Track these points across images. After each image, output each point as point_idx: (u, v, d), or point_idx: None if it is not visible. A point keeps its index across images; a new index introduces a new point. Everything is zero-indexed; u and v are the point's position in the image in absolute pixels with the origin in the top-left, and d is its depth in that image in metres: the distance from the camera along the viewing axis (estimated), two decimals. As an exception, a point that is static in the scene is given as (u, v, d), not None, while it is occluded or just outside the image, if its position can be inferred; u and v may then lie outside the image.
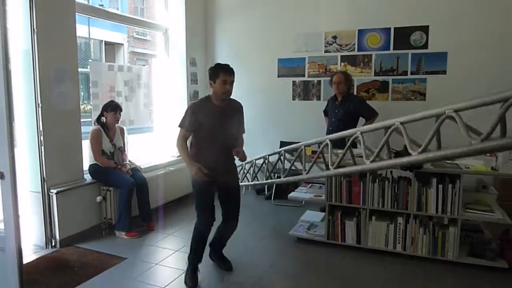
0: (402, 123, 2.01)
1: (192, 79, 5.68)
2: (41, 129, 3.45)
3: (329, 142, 2.90)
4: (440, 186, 3.17)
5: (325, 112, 4.66)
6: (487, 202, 3.30)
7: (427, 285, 2.99)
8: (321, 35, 5.25)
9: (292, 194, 3.99)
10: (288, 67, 5.47)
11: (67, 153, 3.72)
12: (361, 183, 3.43)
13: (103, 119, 4.02)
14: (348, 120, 4.15)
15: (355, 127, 4.37)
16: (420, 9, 4.73)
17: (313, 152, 3.83)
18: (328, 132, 4.27)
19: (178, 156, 5.40)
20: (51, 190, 3.55)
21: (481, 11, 4.46)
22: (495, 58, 4.46)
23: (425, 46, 4.75)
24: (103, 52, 10.68)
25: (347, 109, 4.23)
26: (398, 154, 3.23)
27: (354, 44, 5.08)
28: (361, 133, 2.47)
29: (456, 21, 4.57)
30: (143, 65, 5.30)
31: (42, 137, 3.46)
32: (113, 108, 4.02)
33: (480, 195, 3.35)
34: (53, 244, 3.63)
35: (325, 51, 5.25)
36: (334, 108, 4.38)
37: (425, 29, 4.73)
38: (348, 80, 4.29)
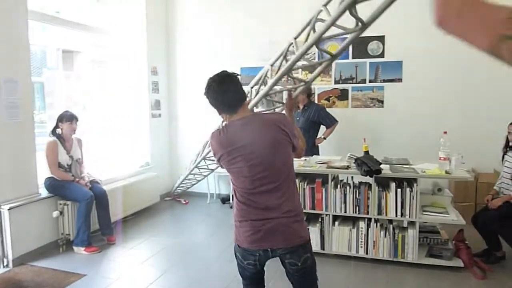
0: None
1: (154, 88, 5.59)
2: (-9, 142, 3.27)
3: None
4: (399, 190, 3.27)
5: None
6: (443, 204, 3.44)
7: (389, 287, 3.07)
8: (282, 44, 5.31)
9: (256, 202, 3.98)
10: (251, 76, 5.47)
11: (20, 167, 3.55)
12: (323, 189, 3.48)
13: (59, 130, 3.86)
14: (309, 127, 4.31)
15: (317, 134, 4.45)
16: (376, 20, 4.88)
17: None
18: None
19: (140, 167, 5.30)
20: (3, 206, 3.36)
21: (432, 22, 4.68)
22: (447, 66, 4.69)
23: (382, 55, 4.92)
24: (61, 60, 10.31)
25: (308, 117, 4.35)
26: (369, 172, 3.33)
27: (315, 53, 5.18)
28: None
29: (409, 32, 4.77)
30: (103, 74, 5.16)
31: (-8, 151, 3.29)
32: (68, 118, 3.86)
33: (436, 198, 3.49)
34: (5, 263, 3.43)
35: (286, 60, 5.31)
36: (295, 116, 4.45)
37: (381, 39, 4.90)
38: (307, 89, 4.35)
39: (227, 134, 1.84)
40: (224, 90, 1.84)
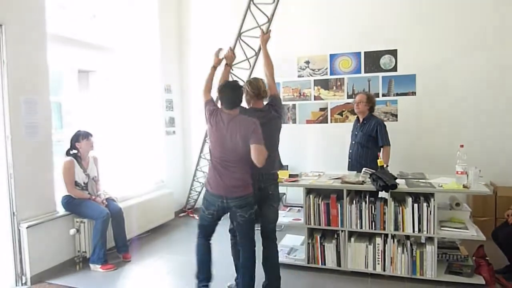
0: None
1: (168, 105, 5.67)
2: (11, 161, 3.34)
3: None
4: (416, 205, 3.22)
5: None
6: (461, 219, 3.37)
7: (408, 305, 3.00)
8: (294, 60, 5.37)
9: (271, 219, 3.96)
10: (263, 92, 5.53)
11: (38, 185, 3.61)
12: (339, 205, 3.45)
13: (74, 151, 3.93)
14: (367, 142, 4.05)
15: (374, 152, 4.00)
16: (388, 34, 4.92)
17: (290, 175, 3.86)
18: (349, 155, 4.24)
19: (155, 184, 5.34)
20: (21, 225, 3.41)
21: (446, 34, 4.68)
22: (461, 78, 4.66)
23: (395, 69, 4.92)
24: (76, 80, 10.54)
25: (366, 131, 4.08)
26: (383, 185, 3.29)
27: (327, 69, 5.21)
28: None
29: (422, 45, 4.77)
30: (118, 92, 5.25)
31: (12, 170, 3.35)
32: (85, 135, 3.95)
33: (454, 213, 3.42)
34: (23, 281, 3.46)
35: (299, 76, 5.36)
36: (354, 130, 4.27)
37: (393, 52, 4.91)
38: (370, 102, 4.14)
39: (220, 116, 2.78)
40: (233, 94, 2.77)
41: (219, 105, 2.93)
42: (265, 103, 3.04)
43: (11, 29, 3.35)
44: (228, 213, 2.88)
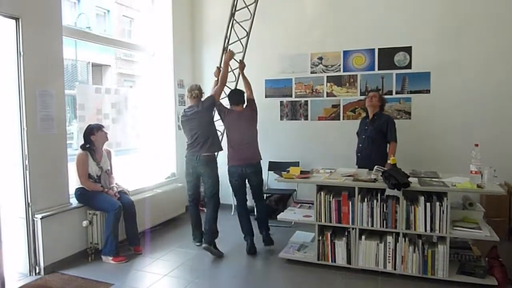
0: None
1: (180, 100, 5.69)
2: (26, 153, 3.39)
3: None
4: (428, 204, 3.19)
5: (357, 134, 4.47)
6: (475, 219, 3.33)
7: (419, 304, 2.98)
8: (307, 56, 5.35)
9: (281, 215, 3.96)
10: (275, 88, 5.53)
11: (52, 177, 3.66)
12: (350, 202, 3.44)
13: (88, 145, 3.97)
14: (377, 137, 4.12)
15: (383, 148, 4.14)
16: (402, 31, 4.86)
17: (302, 172, 3.86)
18: (358, 149, 4.29)
19: (166, 178, 5.38)
20: (36, 216, 3.47)
21: (461, 32, 4.61)
22: (476, 77, 4.58)
23: (409, 66, 4.86)
24: (90, 74, 10.62)
25: (377, 126, 4.15)
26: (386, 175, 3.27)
27: (340, 65, 5.17)
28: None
29: (437, 42, 4.70)
30: (130, 87, 5.29)
31: (27, 161, 3.40)
32: (98, 127, 4.02)
33: (467, 213, 3.38)
34: (37, 271, 3.52)
35: (311, 72, 5.34)
36: (364, 125, 4.30)
37: (408, 49, 4.85)
38: (381, 100, 4.25)
39: (232, 113, 4.12)
40: (238, 97, 4.19)
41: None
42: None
43: (28, 22, 3.38)
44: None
